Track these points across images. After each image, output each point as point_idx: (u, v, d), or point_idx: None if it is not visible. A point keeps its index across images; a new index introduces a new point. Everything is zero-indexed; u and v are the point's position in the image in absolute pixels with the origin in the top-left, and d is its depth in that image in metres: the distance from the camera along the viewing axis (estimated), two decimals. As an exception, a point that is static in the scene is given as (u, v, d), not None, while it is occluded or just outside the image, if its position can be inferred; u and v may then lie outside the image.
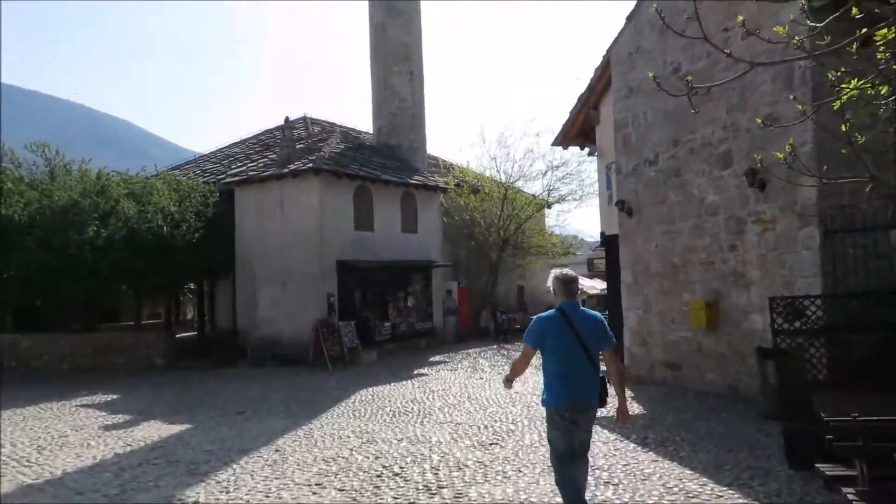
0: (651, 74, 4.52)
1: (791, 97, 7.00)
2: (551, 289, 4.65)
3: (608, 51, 11.76)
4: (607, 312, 12.49)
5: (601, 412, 4.39)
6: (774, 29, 3.62)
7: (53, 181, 17.29)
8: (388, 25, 20.50)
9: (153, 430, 8.65)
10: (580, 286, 28.42)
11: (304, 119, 23.52)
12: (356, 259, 16.83)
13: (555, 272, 4.94)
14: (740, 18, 3.84)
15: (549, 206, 23.86)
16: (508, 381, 4.49)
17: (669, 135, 10.19)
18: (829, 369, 6.89)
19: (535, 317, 4.41)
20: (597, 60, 12.73)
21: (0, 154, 17.22)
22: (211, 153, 24.80)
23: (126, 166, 20.32)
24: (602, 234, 13.30)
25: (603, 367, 4.25)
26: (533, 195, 22.95)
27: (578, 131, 13.62)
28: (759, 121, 5.07)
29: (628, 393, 6.20)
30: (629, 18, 11.17)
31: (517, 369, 4.44)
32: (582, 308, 4.30)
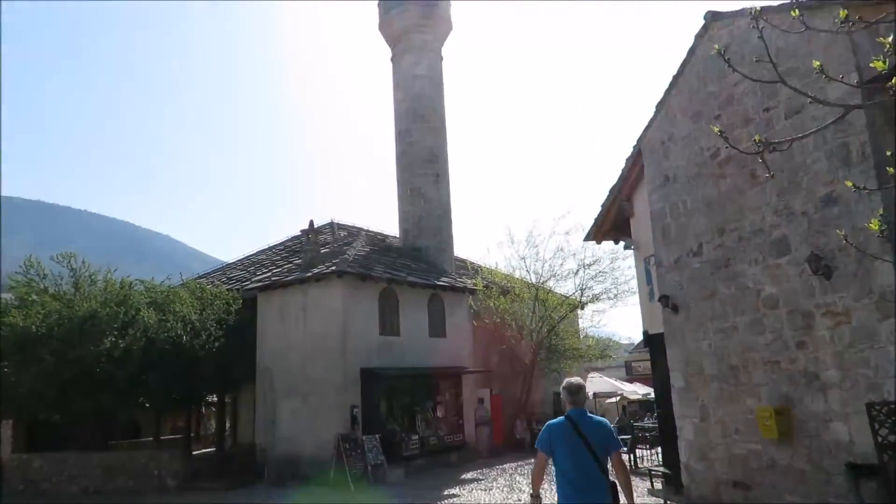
0: (716, 129, 3.82)
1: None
2: (561, 397, 4.87)
3: (639, 140, 11.29)
4: (656, 420, 11.22)
5: None
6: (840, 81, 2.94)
7: (78, 291, 17.10)
8: (413, 130, 20.73)
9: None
10: (620, 391, 26.79)
11: (331, 224, 23.44)
12: (381, 366, 15.91)
13: (566, 380, 4.78)
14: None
15: (583, 307, 22.86)
16: (535, 497, 4.54)
17: (713, 223, 9.42)
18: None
19: (545, 423, 4.67)
20: (626, 151, 12.29)
21: (27, 266, 17.18)
22: (238, 261, 24.72)
23: (162, 279, 20.14)
24: (645, 333, 12.25)
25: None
26: (565, 295, 22.05)
27: (612, 225, 12.94)
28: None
29: None
30: (659, 107, 10.76)
31: (535, 478, 4.60)
32: (589, 414, 4.51)
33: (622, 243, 13.95)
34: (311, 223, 17.51)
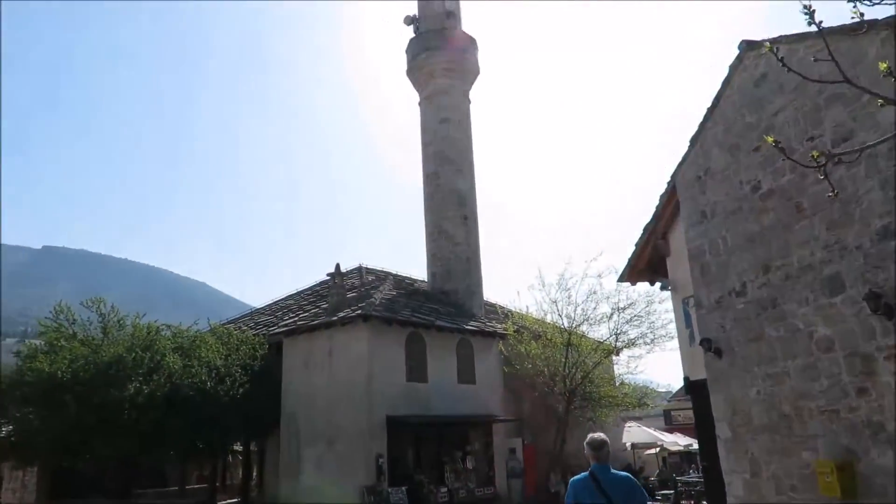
0: (770, 139, 3.39)
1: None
2: (585, 452, 4.85)
3: (673, 176, 10.84)
4: (701, 474, 10.39)
5: None
6: None
7: (106, 336, 17.07)
8: (441, 172, 20.61)
9: None
10: (660, 442, 25.49)
11: (359, 269, 23.26)
12: (408, 414, 15.35)
13: (589, 436, 4.80)
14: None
15: (618, 353, 21.99)
16: None
17: (757, 260, 8.83)
18: None
19: (571, 479, 4.69)
20: (659, 187, 11.82)
21: (56, 311, 17.25)
22: (266, 306, 24.63)
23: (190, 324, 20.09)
24: (686, 379, 11.53)
25: None
26: (599, 341, 21.26)
27: (647, 264, 12.38)
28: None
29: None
30: (693, 141, 10.34)
31: None
32: (613, 470, 4.56)
33: (658, 284, 13.34)
34: (338, 266, 17.31)
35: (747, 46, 9.23)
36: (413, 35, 23.78)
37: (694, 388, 10.86)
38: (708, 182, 9.95)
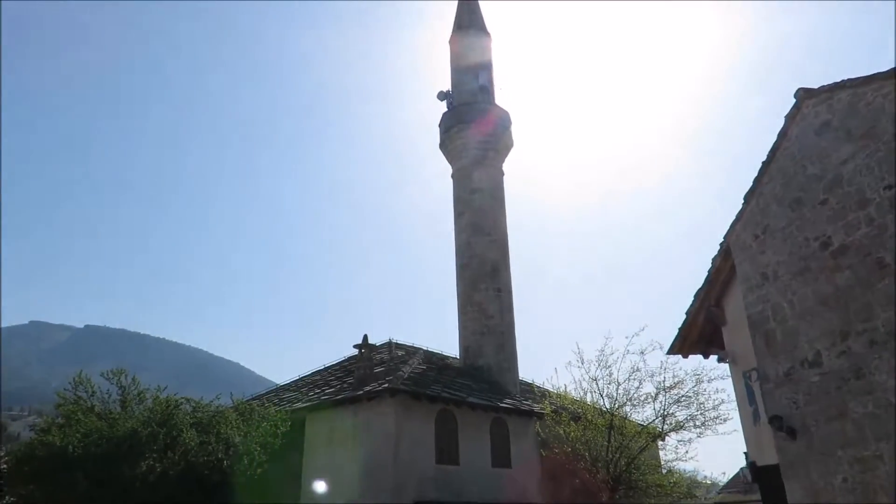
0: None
1: None
2: None
3: (726, 237, 9.99)
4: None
5: None
6: None
7: (124, 410, 16.38)
8: (474, 244, 20.04)
9: None
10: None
11: (389, 343, 22.39)
12: (438, 500, 14.04)
13: None
14: None
15: (663, 438, 20.32)
16: None
17: (833, 325, 7.81)
18: None
19: None
20: (710, 249, 10.94)
21: (76, 383, 16.69)
22: (292, 382, 23.76)
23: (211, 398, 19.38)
24: (751, 465, 10.17)
25: None
26: (643, 424, 19.70)
27: (700, 335, 11.30)
28: None
29: None
30: (748, 197, 9.56)
31: None
32: None
33: (713, 357, 12.17)
34: (365, 338, 16.52)
35: (805, 94, 8.58)
36: (446, 109, 23.94)
37: (763, 475, 9.53)
38: (767, 241, 9.08)
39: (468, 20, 25.27)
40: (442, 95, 24.60)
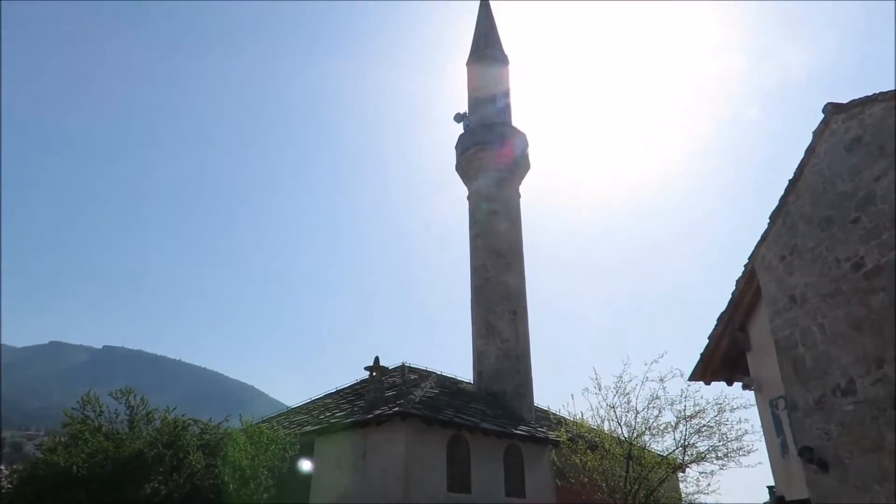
0: None
1: None
2: None
3: (751, 257, 9.59)
4: None
5: None
6: None
7: (132, 430, 16.14)
8: (489, 266, 19.72)
9: None
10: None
11: (402, 367, 22.00)
12: (448, 530, 13.55)
13: None
14: None
15: (683, 470, 19.55)
16: None
17: (867, 351, 7.36)
18: None
19: None
20: (734, 271, 10.51)
21: (84, 402, 16.50)
22: (303, 405, 23.39)
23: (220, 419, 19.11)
24: (779, 499, 9.61)
25: None
26: (663, 454, 19.00)
27: (723, 361, 10.82)
28: None
29: None
30: (774, 217, 9.17)
31: None
32: None
33: (737, 384, 11.65)
34: (377, 360, 16.18)
35: (834, 109, 8.25)
36: (463, 131, 23.84)
37: (791, 511, 8.98)
38: (795, 262, 8.67)
39: (485, 44, 25.30)
40: (459, 117, 24.52)
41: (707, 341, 10.85)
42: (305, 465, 15.65)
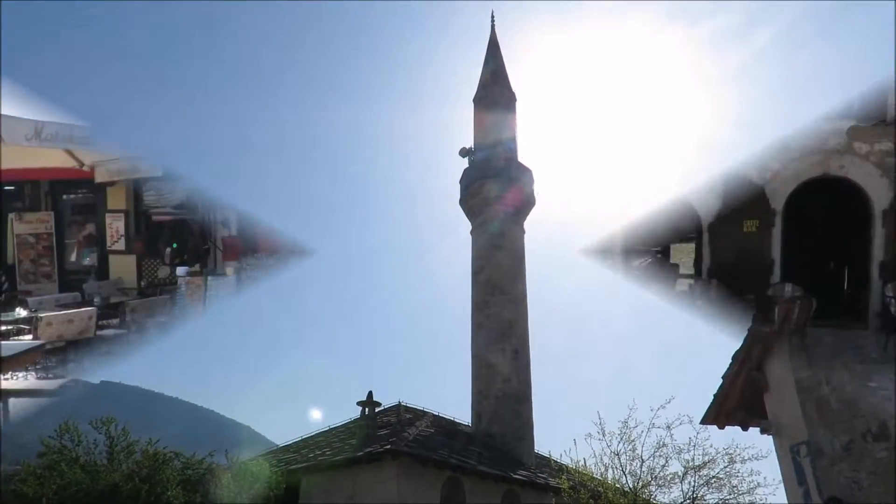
0: None
1: None
2: None
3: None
4: None
5: None
6: None
7: (111, 462, 15.35)
8: (490, 302, 19.14)
9: None
10: None
11: (398, 406, 21.18)
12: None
13: None
14: None
15: (692, 527, 18.50)
16: None
17: (902, 389, 6.69)
18: None
19: None
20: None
21: (61, 431, 15.75)
22: (293, 443, 22.47)
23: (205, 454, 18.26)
24: (803, 556, 8.78)
25: None
26: (672, 507, 17.99)
27: (738, 403, 10.11)
28: None
29: None
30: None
31: None
32: None
33: (751, 431, 10.90)
34: (370, 395, 15.51)
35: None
36: (468, 166, 23.57)
37: (817, 571, 8.15)
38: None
39: (492, 80, 25.24)
40: (464, 152, 24.27)
41: (720, 381, 10.17)
42: None
